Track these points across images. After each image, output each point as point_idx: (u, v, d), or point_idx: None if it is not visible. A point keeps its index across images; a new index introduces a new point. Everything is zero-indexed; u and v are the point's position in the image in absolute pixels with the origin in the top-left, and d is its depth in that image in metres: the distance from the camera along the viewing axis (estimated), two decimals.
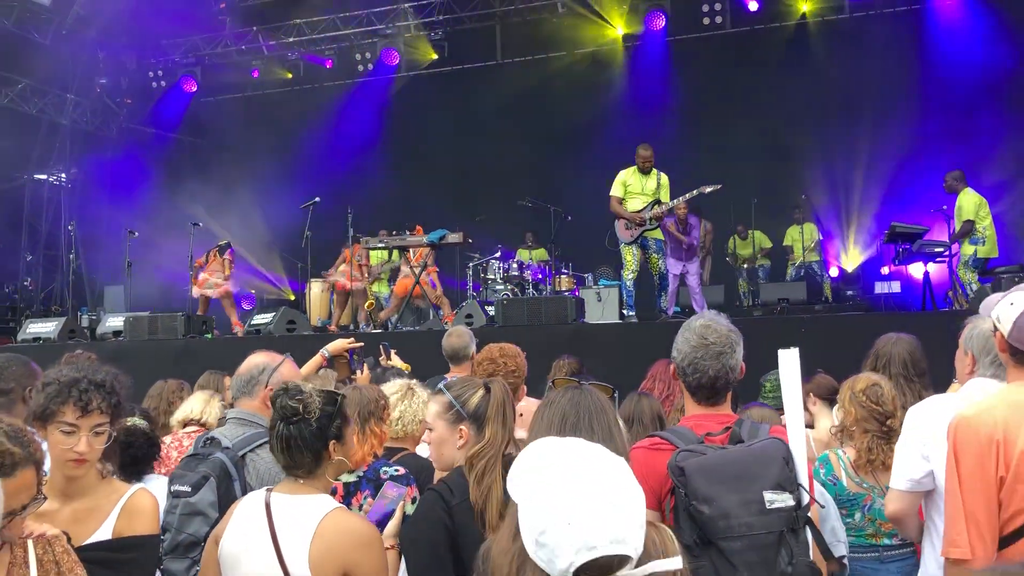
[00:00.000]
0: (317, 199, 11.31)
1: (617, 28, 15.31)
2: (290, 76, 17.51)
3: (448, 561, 2.48)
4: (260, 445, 2.96)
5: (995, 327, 2.58)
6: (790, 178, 13.74)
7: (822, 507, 2.48)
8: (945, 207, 10.65)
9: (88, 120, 17.87)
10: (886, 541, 3.54)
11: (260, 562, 2.42)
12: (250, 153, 16.03)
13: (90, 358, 2.61)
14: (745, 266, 13.16)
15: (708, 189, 9.54)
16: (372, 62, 16.37)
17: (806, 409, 4.49)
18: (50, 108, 16.95)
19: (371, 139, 15.93)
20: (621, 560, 1.38)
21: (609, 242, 9.85)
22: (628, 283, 9.63)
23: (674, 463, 2.34)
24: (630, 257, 9.53)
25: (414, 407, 3.74)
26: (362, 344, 4.69)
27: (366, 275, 11.97)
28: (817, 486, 3.42)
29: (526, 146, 15.34)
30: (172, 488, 2.98)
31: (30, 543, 2.10)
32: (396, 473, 3.16)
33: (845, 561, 3.37)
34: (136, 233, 12.90)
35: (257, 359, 3.30)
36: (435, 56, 16.49)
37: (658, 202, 9.44)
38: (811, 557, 2.35)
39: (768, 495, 2.26)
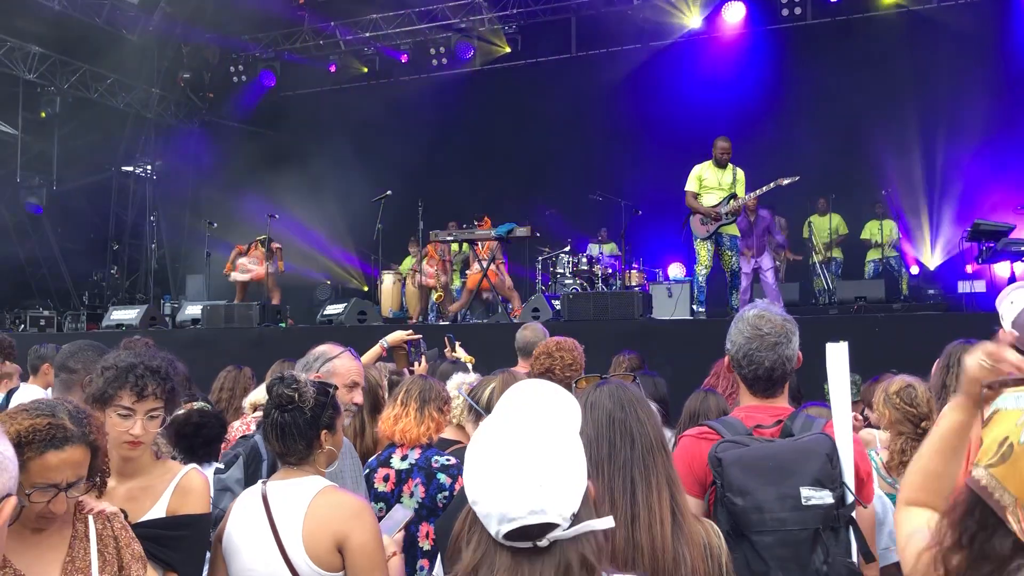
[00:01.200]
0: (388, 192, 11.44)
1: (693, 19, 15.09)
2: (366, 70, 17.77)
3: None
4: None
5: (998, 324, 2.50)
6: (869, 173, 13.35)
7: (864, 507, 2.41)
8: None
9: (172, 113, 18.44)
10: None
11: (260, 549, 2.47)
12: (325, 146, 16.30)
13: (147, 343, 2.69)
14: (820, 255, 12.77)
15: (785, 181, 9.31)
16: (446, 56, 16.50)
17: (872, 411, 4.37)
18: (136, 102, 17.54)
19: (444, 133, 16.03)
20: (546, 527, 1.43)
21: (684, 236, 9.78)
22: (700, 279, 9.46)
23: (713, 453, 2.32)
24: (704, 253, 9.38)
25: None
26: (420, 336, 4.75)
27: (450, 270, 12.09)
28: (876, 488, 3.33)
29: (598, 140, 15.26)
30: (215, 466, 3.16)
31: (90, 519, 2.19)
32: (448, 463, 3.19)
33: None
34: (215, 224, 13.26)
35: (318, 348, 3.37)
36: (508, 49, 16.53)
37: (734, 196, 9.27)
38: (854, 559, 2.29)
39: (805, 491, 2.21)
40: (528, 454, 1.45)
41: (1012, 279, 9.15)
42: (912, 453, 3.40)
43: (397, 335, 4.74)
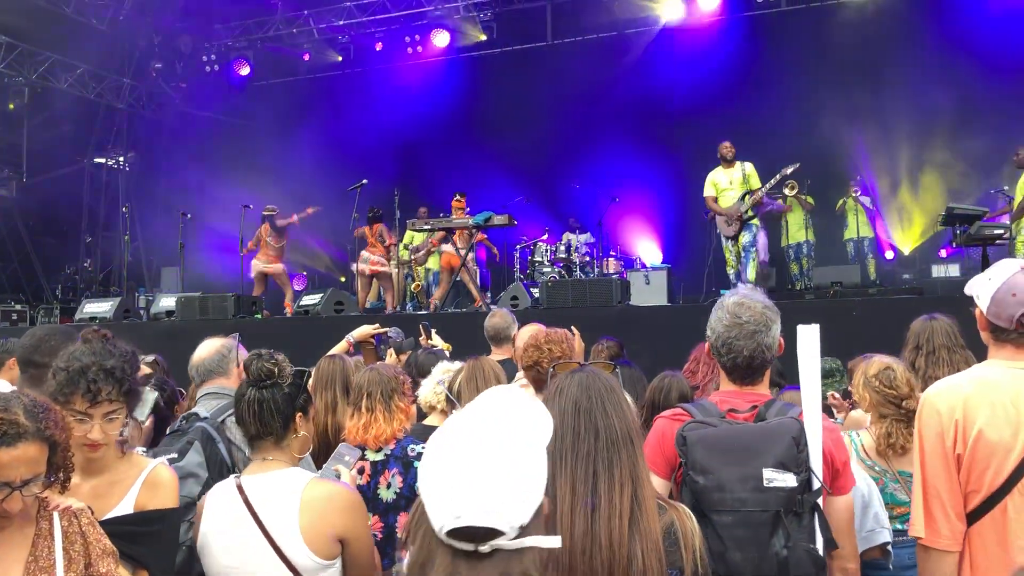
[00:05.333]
0: (364, 181, 11.35)
1: (669, 7, 15.06)
2: (340, 59, 17.62)
3: None
4: None
5: (975, 304, 2.50)
6: (844, 158, 13.42)
7: (829, 493, 2.40)
8: (1007, 187, 10.33)
9: (144, 104, 18.21)
10: (898, 526, 3.43)
11: (247, 547, 2.42)
12: (300, 136, 16.15)
13: (105, 336, 2.57)
14: (792, 241, 12.82)
15: (789, 170, 9.99)
16: (421, 44, 16.38)
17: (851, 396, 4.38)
18: (108, 93, 17.30)
19: (419, 121, 15.93)
20: (490, 532, 1.38)
21: (713, 237, 10.49)
22: (732, 278, 10.04)
23: (680, 432, 2.32)
24: (730, 257, 10.08)
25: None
26: (387, 330, 4.72)
27: (392, 256, 11.64)
28: (861, 471, 3.32)
29: (575, 128, 15.22)
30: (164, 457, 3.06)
31: (55, 516, 2.12)
32: (423, 450, 3.15)
33: (889, 548, 3.26)
34: (189, 215, 13.11)
35: (215, 342, 3.44)
36: (484, 37, 16.43)
37: (749, 192, 9.84)
38: (817, 545, 2.27)
39: (767, 472, 2.20)
40: (489, 456, 1.40)
41: (984, 263, 9.21)
42: (898, 435, 3.41)
43: (363, 330, 4.71)
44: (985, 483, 2.32)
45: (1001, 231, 9.12)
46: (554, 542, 1.45)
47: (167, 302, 11.57)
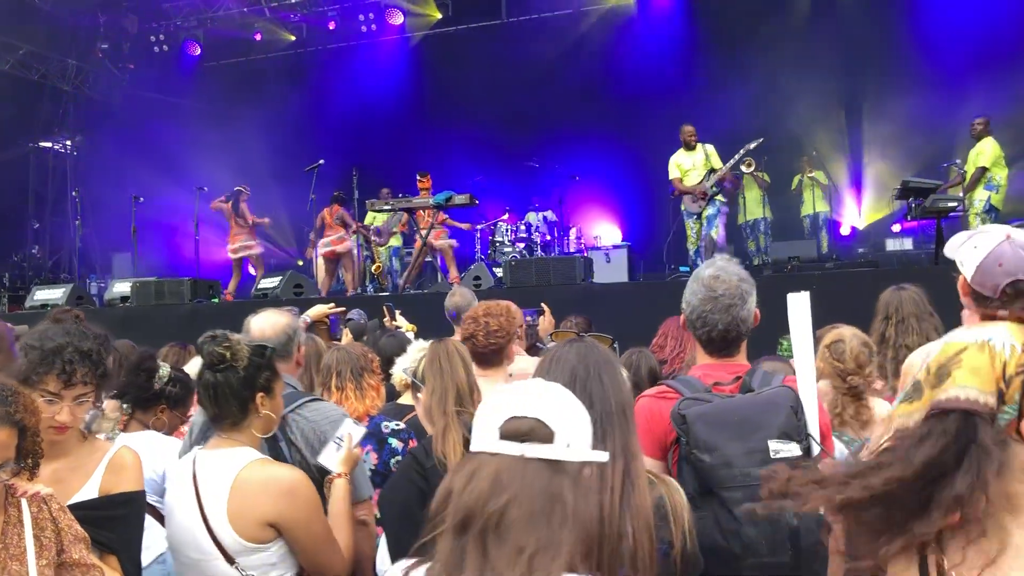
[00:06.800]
0: (321, 161, 11.21)
1: None
2: (293, 39, 17.31)
3: (420, 522, 2.40)
4: (301, 405, 2.85)
5: (958, 270, 2.51)
6: (800, 135, 13.55)
7: (834, 459, 2.40)
8: (958, 161, 10.51)
9: (91, 86, 17.74)
10: None
11: (186, 517, 2.42)
12: (254, 117, 15.86)
13: (78, 317, 2.47)
14: (749, 217, 12.96)
15: (752, 145, 10.31)
16: (375, 23, 16.15)
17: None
18: (52, 74, 16.82)
19: (376, 100, 15.76)
20: (543, 430, 1.48)
21: (674, 216, 10.91)
22: (691, 254, 10.27)
23: (676, 411, 2.27)
24: (691, 233, 10.32)
25: None
26: (343, 309, 4.67)
27: (349, 236, 11.45)
28: (835, 439, 3.35)
29: (534, 107, 15.15)
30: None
31: (23, 502, 2.05)
32: (398, 427, 3.12)
33: None
34: (141, 199, 12.84)
35: (278, 318, 3.12)
36: (439, 16, 16.25)
37: (712, 171, 10.14)
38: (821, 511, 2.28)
39: (773, 444, 2.17)
40: (543, 387, 1.58)
41: (939, 233, 9.35)
42: (843, 409, 3.42)
43: (319, 309, 4.65)
44: None
45: (955, 203, 9.28)
46: (600, 456, 1.55)
47: (121, 288, 11.31)
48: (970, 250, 2.42)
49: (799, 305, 2.35)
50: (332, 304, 4.72)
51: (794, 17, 14.02)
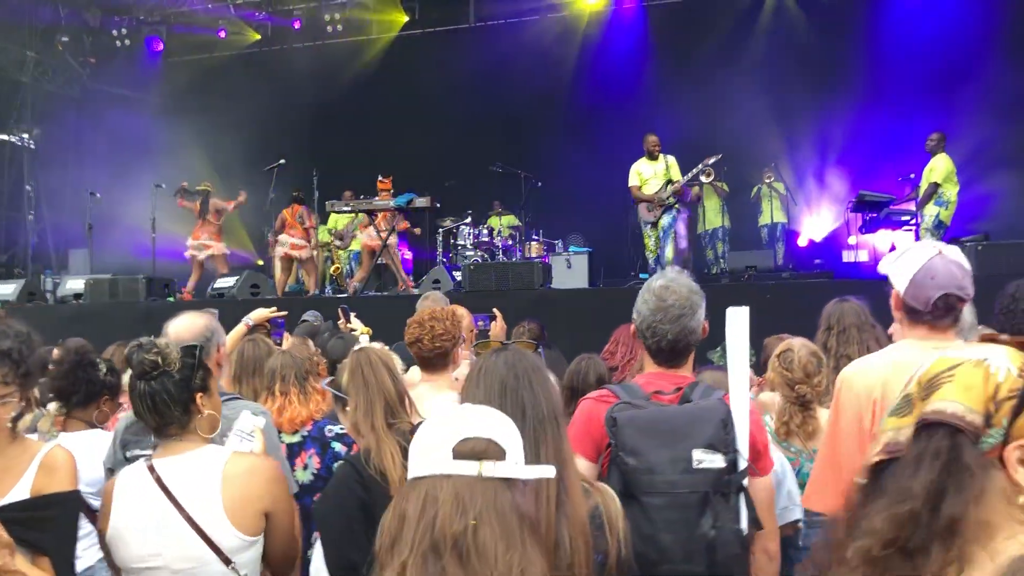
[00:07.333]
0: (282, 161, 11.13)
1: None
2: (258, 37, 17.18)
3: (362, 532, 2.38)
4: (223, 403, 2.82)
5: (890, 285, 2.55)
6: (760, 146, 13.70)
7: (758, 474, 2.44)
8: (912, 175, 10.70)
9: (50, 80, 17.43)
10: None
11: (167, 534, 2.33)
12: (216, 115, 15.69)
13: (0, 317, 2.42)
14: (708, 227, 13.12)
15: (710, 161, 10.33)
16: (341, 23, 16.09)
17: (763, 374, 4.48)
18: (11, 67, 16.50)
19: (340, 102, 15.68)
20: (496, 449, 1.50)
21: (635, 223, 10.82)
22: (651, 263, 10.33)
23: (609, 414, 2.30)
24: (648, 242, 10.39)
25: None
26: (285, 313, 4.65)
27: (312, 238, 11.39)
28: (775, 449, 3.40)
29: (498, 111, 15.16)
30: (128, 454, 2.90)
31: None
32: (341, 431, 3.11)
33: (800, 525, 3.34)
34: (98, 195, 12.67)
35: (196, 319, 3.14)
36: (405, 19, 16.22)
37: (670, 181, 10.20)
38: (743, 526, 2.30)
39: (697, 453, 2.21)
40: (486, 409, 1.62)
41: (891, 247, 9.54)
42: (790, 418, 3.48)
43: (260, 313, 4.62)
44: None
45: (908, 217, 9.45)
46: (548, 471, 1.57)
47: (75, 284, 11.14)
48: (902, 265, 2.47)
49: (738, 319, 2.38)
50: (274, 308, 4.69)
51: (755, 30, 14.20)
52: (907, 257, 2.50)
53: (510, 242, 12.93)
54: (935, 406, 1.25)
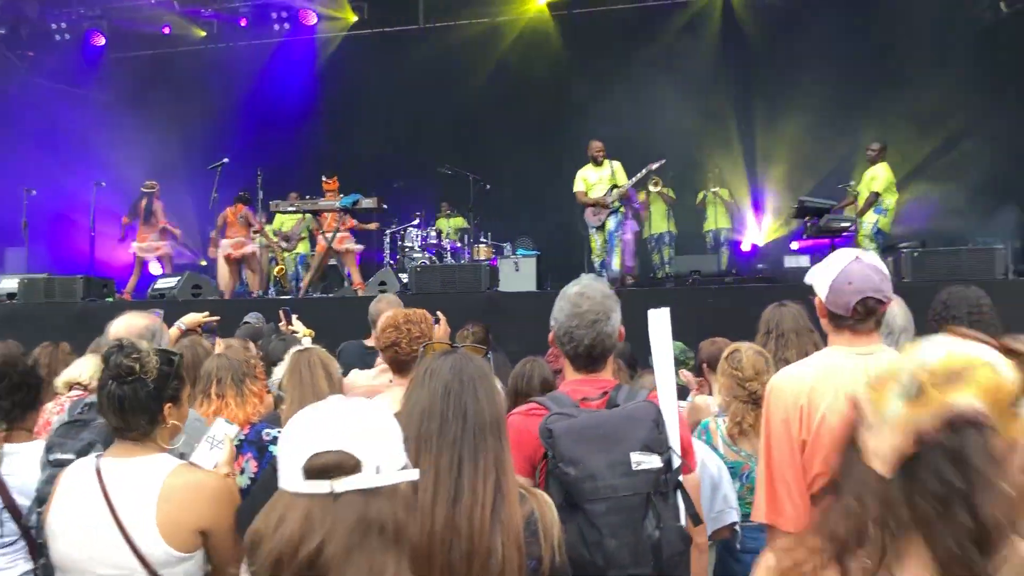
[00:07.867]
0: (225, 159, 10.96)
1: None
2: (204, 34, 16.89)
3: None
4: None
5: (813, 293, 2.61)
6: (703, 152, 13.89)
7: (690, 471, 2.47)
8: (852, 183, 10.95)
9: None
10: None
11: (97, 536, 2.26)
12: (159, 111, 15.41)
13: None
14: (654, 231, 13.27)
15: (654, 166, 10.66)
16: (288, 22, 15.91)
17: (702, 376, 4.53)
18: None
19: (286, 101, 15.51)
20: (348, 461, 1.45)
21: (582, 227, 10.98)
22: (597, 267, 10.47)
23: (544, 425, 2.31)
24: (595, 246, 10.60)
25: None
26: (218, 318, 4.61)
27: (256, 238, 11.27)
28: (708, 450, 3.44)
29: (447, 113, 15.15)
30: (51, 457, 2.79)
31: None
32: (278, 435, 3.06)
33: (737, 528, 3.37)
34: (34, 191, 12.34)
35: (137, 319, 3.10)
36: (354, 18, 16.09)
37: (615, 186, 10.37)
38: (682, 523, 2.33)
39: (635, 456, 2.23)
40: (344, 410, 1.52)
41: (831, 253, 9.71)
42: (745, 417, 3.53)
43: (192, 317, 4.56)
44: (831, 466, 2.41)
45: (847, 223, 9.65)
46: (412, 475, 1.51)
47: (8, 284, 10.80)
48: (822, 272, 2.53)
49: (659, 321, 2.41)
50: (207, 313, 4.64)
51: (701, 37, 14.38)
52: (826, 264, 2.57)
53: (458, 244, 12.92)
54: (965, 402, 1.26)
